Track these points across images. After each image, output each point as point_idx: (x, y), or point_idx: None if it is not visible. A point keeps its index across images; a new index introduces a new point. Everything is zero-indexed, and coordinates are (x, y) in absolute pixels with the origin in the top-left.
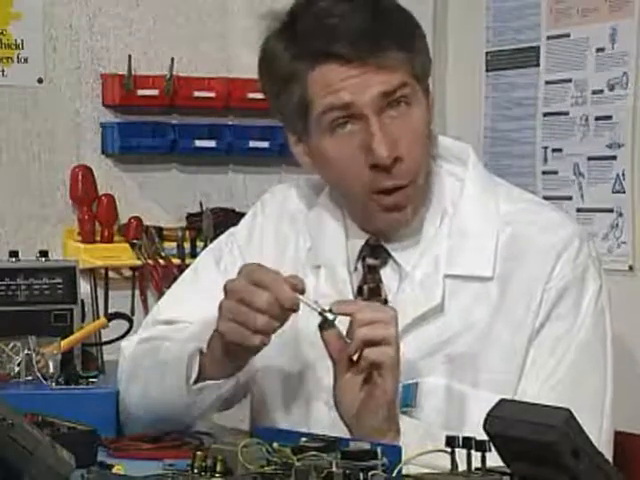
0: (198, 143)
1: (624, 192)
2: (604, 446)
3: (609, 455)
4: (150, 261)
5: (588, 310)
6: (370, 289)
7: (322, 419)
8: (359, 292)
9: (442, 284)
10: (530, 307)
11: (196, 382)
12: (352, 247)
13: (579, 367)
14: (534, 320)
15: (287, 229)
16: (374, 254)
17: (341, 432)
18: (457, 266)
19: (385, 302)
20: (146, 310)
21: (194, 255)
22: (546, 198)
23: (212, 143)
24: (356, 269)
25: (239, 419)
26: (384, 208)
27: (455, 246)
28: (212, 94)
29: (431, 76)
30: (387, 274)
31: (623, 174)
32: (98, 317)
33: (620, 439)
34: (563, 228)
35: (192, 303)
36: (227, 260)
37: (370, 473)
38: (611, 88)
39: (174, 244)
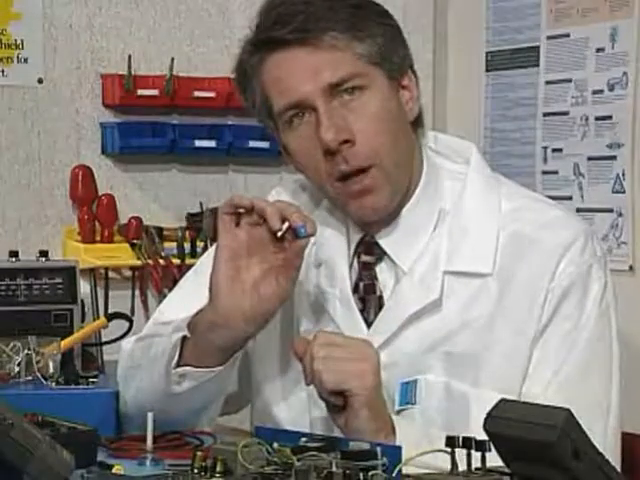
0: (198, 143)
1: (624, 192)
2: (611, 445)
3: (617, 454)
4: (150, 261)
5: (593, 309)
6: (365, 286)
7: (323, 416)
8: (355, 289)
9: (441, 280)
10: (533, 307)
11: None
12: (351, 244)
13: (584, 367)
14: (538, 320)
15: None
16: (369, 251)
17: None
18: (456, 262)
19: (379, 299)
20: (146, 310)
21: (194, 255)
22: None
23: (212, 143)
24: (353, 266)
25: (239, 419)
26: (351, 194)
27: (455, 243)
28: (212, 94)
29: (421, 68)
30: (382, 271)
31: (623, 174)
32: (98, 317)
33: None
34: (568, 226)
35: (193, 305)
36: None
37: (370, 473)
38: (611, 88)
39: (174, 244)
